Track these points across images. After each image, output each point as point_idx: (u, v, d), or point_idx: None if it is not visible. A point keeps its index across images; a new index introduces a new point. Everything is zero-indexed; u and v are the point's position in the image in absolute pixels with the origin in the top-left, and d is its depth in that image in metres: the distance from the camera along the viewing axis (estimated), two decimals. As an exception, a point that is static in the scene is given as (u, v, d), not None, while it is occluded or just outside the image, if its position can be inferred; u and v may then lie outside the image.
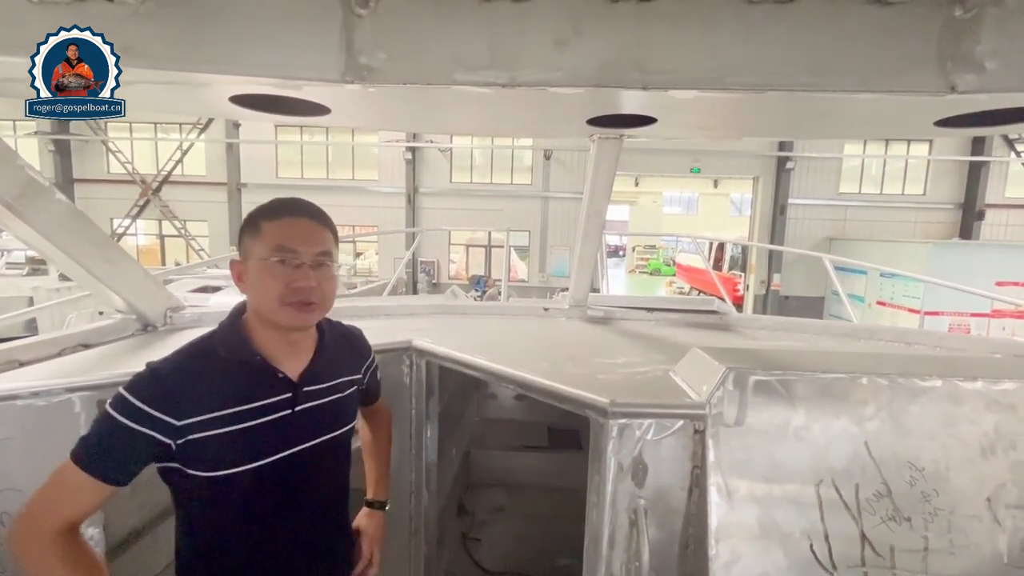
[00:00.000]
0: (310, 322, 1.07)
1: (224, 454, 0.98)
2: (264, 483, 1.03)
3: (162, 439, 0.93)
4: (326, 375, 1.13)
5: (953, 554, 1.14)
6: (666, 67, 0.98)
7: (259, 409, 1.01)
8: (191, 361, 1.00)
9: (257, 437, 1.01)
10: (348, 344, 1.26)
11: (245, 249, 1.03)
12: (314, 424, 1.09)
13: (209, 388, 0.97)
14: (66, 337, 1.55)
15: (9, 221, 1.32)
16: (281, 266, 0.99)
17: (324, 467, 1.13)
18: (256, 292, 1.02)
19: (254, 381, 1.02)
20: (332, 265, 1.06)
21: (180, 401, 0.94)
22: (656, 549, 1.22)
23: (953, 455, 1.18)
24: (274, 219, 1.01)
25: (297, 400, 1.06)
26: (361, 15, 0.96)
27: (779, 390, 1.20)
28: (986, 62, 0.94)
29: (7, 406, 1.20)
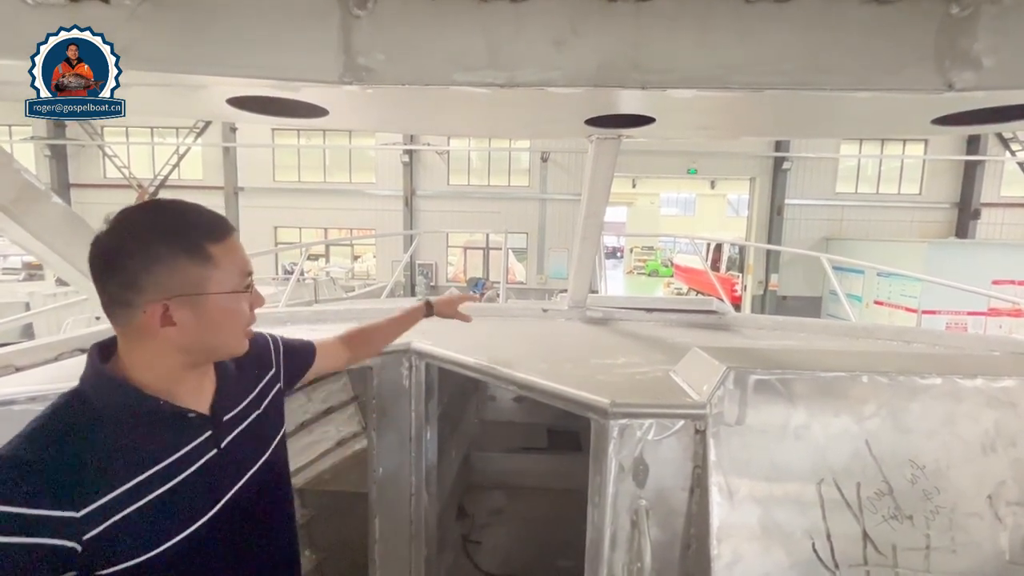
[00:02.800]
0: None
1: (151, 531, 0.78)
2: (206, 547, 0.85)
3: (63, 544, 0.69)
4: (239, 395, 0.97)
5: (955, 552, 1.14)
6: (664, 66, 0.98)
7: (177, 463, 0.82)
8: (66, 430, 0.75)
9: (185, 496, 0.82)
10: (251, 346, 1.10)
11: (190, 282, 0.79)
12: (243, 455, 0.94)
13: (107, 456, 0.75)
14: (63, 342, 1.54)
15: (5, 225, 1.31)
16: (248, 293, 0.87)
17: (266, 497, 0.97)
18: (217, 329, 0.84)
19: (160, 433, 0.82)
20: None
21: (72, 487, 0.71)
22: (658, 550, 1.22)
23: (954, 453, 1.18)
24: (218, 240, 0.83)
25: (220, 437, 0.89)
26: (359, 16, 0.96)
27: (779, 389, 1.20)
28: (983, 59, 0.94)
29: (4, 411, 1.19)
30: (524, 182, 16.28)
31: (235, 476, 0.91)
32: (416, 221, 15.99)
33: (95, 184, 16.31)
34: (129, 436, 0.78)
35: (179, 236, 0.79)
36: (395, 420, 1.79)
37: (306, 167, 16.52)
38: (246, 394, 0.98)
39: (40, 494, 0.68)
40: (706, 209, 31.91)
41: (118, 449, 0.76)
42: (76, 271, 1.49)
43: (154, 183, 16.10)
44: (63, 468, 0.71)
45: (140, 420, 0.79)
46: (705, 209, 32.03)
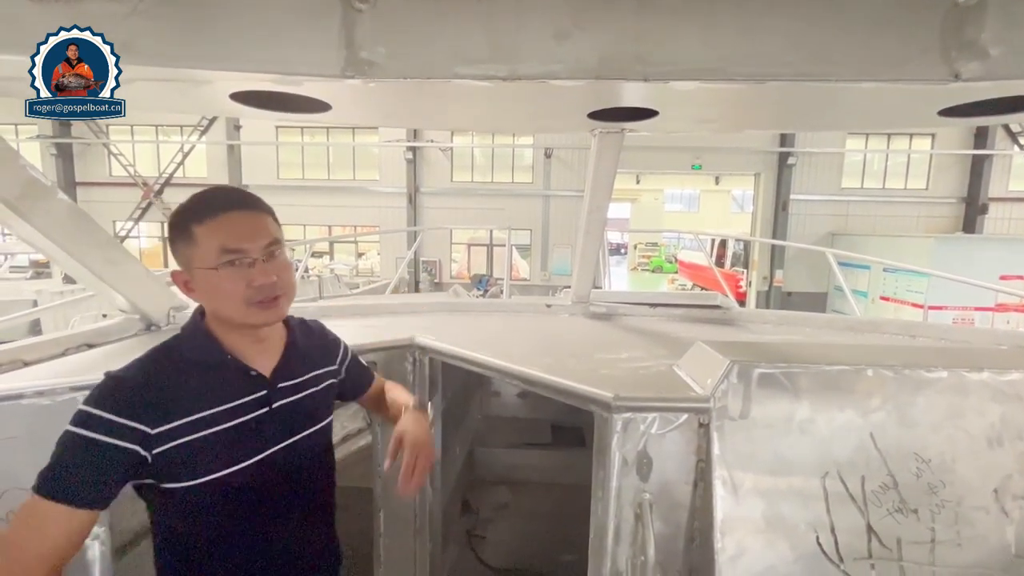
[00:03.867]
0: (281, 315, 1.02)
1: (201, 460, 0.93)
2: (245, 489, 0.98)
3: (137, 450, 0.86)
4: (299, 370, 1.10)
5: (960, 546, 1.14)
6: (667, 58, 0.98)
7: (234, 410, 0.97)
8: (157, 366, 0.94)
9: (234, 439, 0.96)
10: (316, 338, 1.22)
11: (183, 259, 0.95)
12: (291, 422, 1.06)
13: (180, 392, 0.93)
14: (70, 337, 1.55)
15: (12, 222, 1.32)
16: (232, 268, 0.92)
17: (305, 466, 1.09)
18: (214, 300, 0.96)
19: (226, 382, 0.98)
20: (283, 251, 1.00)
21: (152, 407, 0.88)
22: (661, 543, 1.22)
23: (959, 446, 1.17)
24: (205, 220, 0.92)
25: (272, 398, 1.03)
26: (361, 9, 0.96)
27: (783, 383, 1.20)
28: (990, 49, 0.93)
29: (12, 405, 1.20)
30: (528, 179, 16.26)
31: (282, 435, 1.04)
32: (420, 218, 16.00)
33: (101, 182, 16.40)
34: (200, 379, 0.95)
35: (178, 219, 0.94)
36: None
37: (310, 164, 16.55)
38: (306, 372, 1.11)
39: (128, 408, 0.87)
40: (710, 205, 31.80)
41: (190, 388, 0.93)
42: (82, 267, 1.50)
43: (159, 181, 16.19)
44: (147, 393, 0.89)
45: (211, 368, 0.97)
46: (709, 205, 31.92)
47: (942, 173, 15.74)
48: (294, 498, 1.08)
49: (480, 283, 13.86)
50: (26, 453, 1.20)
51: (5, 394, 1.20)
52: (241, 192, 1.00)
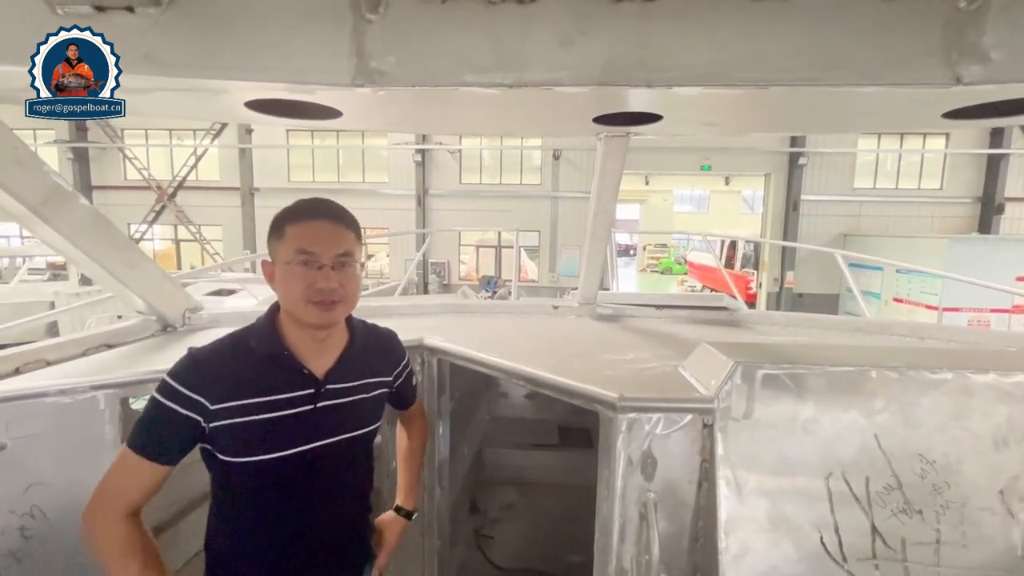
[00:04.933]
0: (335, 319, 1.10)
1: (246, 441, 1.03)
2: (281, 475, 1.07)
3: (198, 420, 1.00)
4: (352, 375, 1.16)
5: (966, 547, 1.14)
6: (670, 64, 1.00)
7: (281, 402, 1.06)
8: (227, 350, 1.07)
9: (276, 429, 1.05)
10: (381, 346, 1.29)
11: (272, 252, 1.07)
12: (334, 422, 1.12)
13: (240, 377, 1.03)
14: (90, 337, 1.60)
15: (35, 225, 1.37)
16: (303, 268, 1.02)
17: (342, 466, 1.16)
18: (283, 292, 1.07)
19: (280, 374, 1.07)
20: (354, 264, 1.09)
21: (214, 385, 1.01)
22: (666, 542, 1.23)
23: (965, 448, 1.17)
24: (296, 223, 1.04)
25: (319, 397, 1.10)
26: (371, 20, 0.99)
27: (787, 384, 1.21)
28: (992, 53, 0.94)
29: (36, 403, 1.24)
30: (536, 180, 16.28)
31: (324, 433, 1.10)
32: (428, 220, 16.08)
33: (116, 186, 16.68)
34: (258, 368, 1.05)
35: (279, 217, 1.06)
36: None
37: (320, 167, 16.71)
38: (359, 377, 1.18)
39: (196, 382, 0.99)
40: (720, 206, 31.59)
41: (248, 374, 1.04)
42: (102, 269, 1.55)
43: (172, 184, 16.43)
44: (213, 372, 1.02)
45: (269, 360, 1.06)
46: (719, 206, 31.70)
47: (957, 173, 15.53)
48: (331, 494, 1.15)
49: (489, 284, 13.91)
50: (49, 449, 1.25)
51: (29, 392, 1.25)
52: (334, 206, 1.09)
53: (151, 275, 1.72)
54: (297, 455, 1.08)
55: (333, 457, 1.13)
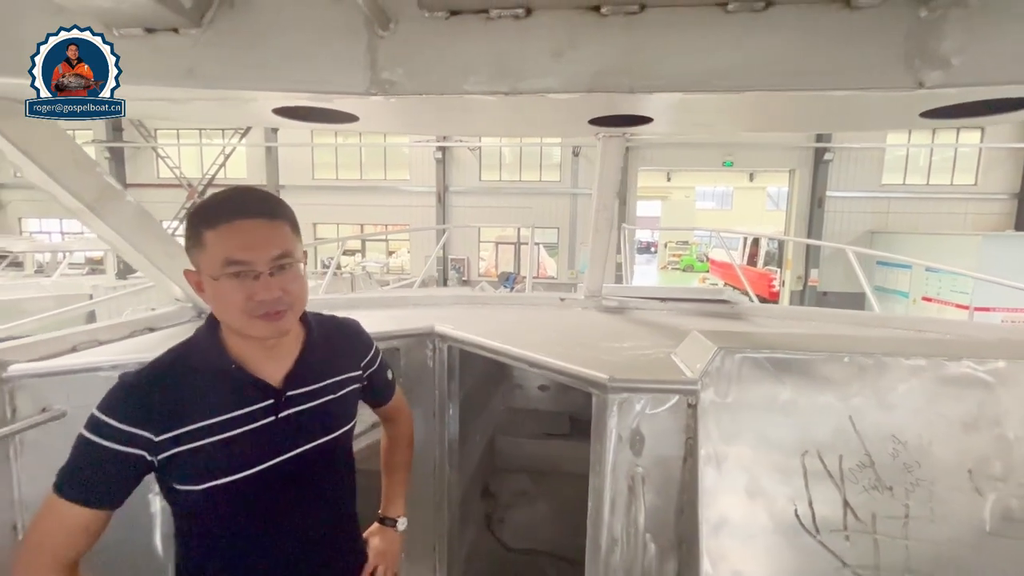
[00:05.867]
0: (284, 329, 0.96)
1: (206, 467, 0.92)
2: (251, 496, 0.97)
3: (141, 454, 0.88)
4: (313, 377, 1.05)
5: (933, 522, 1.21)
6: (652, 72, 1.09)
7: (238, 418, 0.94)
8: (166, 372, 0.94)
9: (239, 447, 0.94)
10: (342, 340, 1.17)
11: (194, 261, 0.93)
12: (302, 430, 1.02)
13: (186, 399, 0.91)
14: (135, 322, 1.77)
15: (90, 220, 1.54)
16: (236, 280, 0.88)
17: (318, 475, 1.06)
18: (218, 309, 0.93)
19: (232, 390, 0.95)
20: (295, 264, 0.95)
21: (156, 414, 0.88)
22: (652, 513, 1.33)
23: (936, 430, 1.24)
24: (216, 225, 0.88)
25: (280, 407, 0.99)
26: (383, 36, 1.11)
27: (767, 368, 1.29)
28: (952, 59, 1.01)
29: (91, 376, 1.41)
30: (555, 177, 16.32)
31: (292, 444, 1.00)
32: (449, 217, 16.28)
33: (150, 184, 17.32)
34: (207, 386, 0.93)
35: (191, 220, 0.92)
36: (420, 397, 1.96)
37: (343, 165, 17.06)
38: (323, 378, 1.07)
39: (134, 415, 0.87)
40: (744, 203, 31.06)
41: (195, 396, 0.92)
42: (146, 260, 1.71)
43: (202, 182, 16.99)
44: (154, 400, 0.89)
45: (217, 377, 0.94)
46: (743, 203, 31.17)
47: (992, 168, 15.02)
48: (308, 506, 1.05)
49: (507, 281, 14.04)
50: (103, 417, 1.41)
51: (86, 367, 1.41)
52: (258, 196, 0.94)
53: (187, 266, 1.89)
54: (265, 471, 0.97)
55: (307, 466, 1.03)
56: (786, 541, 1.23)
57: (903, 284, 13.28)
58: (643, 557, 1.35)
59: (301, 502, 1.04)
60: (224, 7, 1.10)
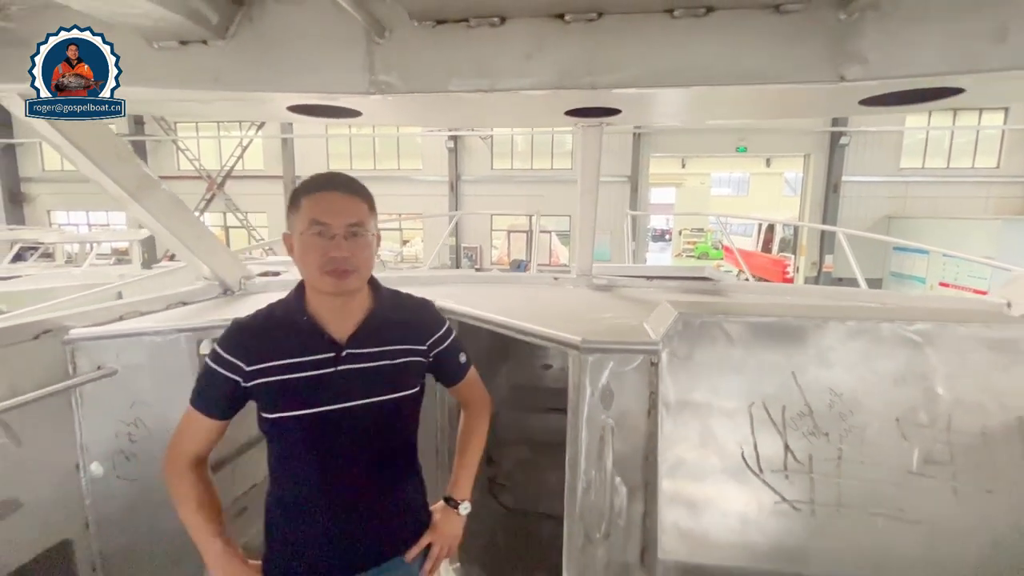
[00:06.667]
0: (347, 288, 1.12)
1: (276, 399, 1.11)
2: (311, 435, 1.13)
3: (237, 380, 1.10)
4: (374, 341, 1.18)
5: (864, 463, 1.38)
6: (611, 71, 1.26)
7: (305, 363, 1.11)
8: (261, 318, 1.17)
9: (301, 389, 1.11)
10: (411, 315, 1.29)
11: (290, 224, 1.13)
12: (358, 386, 1.14)
13: (271, 341, 1.12)
14: (170, 296, 2.01)
15: (131, 206, 1.76)
16: (317, 238, 1.07)
17: (372, 427, 1.17)
18: (300, 263, 1.12)
19: (303, 339, 1.13)
20: (366, 234, 1.12)
21: (249, 350, 1.11)
22: (620, 459, 1.52)
23: (868, 383, 1.40)
24: (310, 194, 1.09)
25: (339, 360, 1.13)
26: (379, 43, 1.30)
27: (721, 331, 1.46)
28: (868, 55, 1.16)
29: (137, 340, 1.64)
30: (567, 164, 16.37)
31: (345, 396, 1.13)
32: (461, 205, 16.46)
33: (171, 176, 17.77)
34: (286, 333, 1.14)
35: (295, 191, 1.13)
36: None
37: (357, 155, 17.33)
38: (383, 343, 1.19)
39: (235, 347, 1.12)
40: (761, 188, 30.65)
41: (276, 340, 1.13)
42: (178, 241, 1.94)
43: (221, 174, 17.43)
44: (250, 338, 1.13)
45: (293, 327, 1.14)
46: (760, 188, 30.77)
47: (1016, 150, 14.67)
48: (361, 458, 1.17)
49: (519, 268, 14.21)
50: (148, 374, 1.65)
51: (132, 332, 1.65)
52: (346, 178, 1.13)
53: (215, 248, 2.12)
54: (322, 414, 1.12)
55: (360, 419, 1.15)
56: (733, 480, 1.41)
57: (919, 270, 13.14)
58: (613, 497, 1.54)
59: (354, 452, 1.17)
60: (244, 22, 1.30)
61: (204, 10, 1.23)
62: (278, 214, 17.39)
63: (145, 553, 1.69)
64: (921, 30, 1.14)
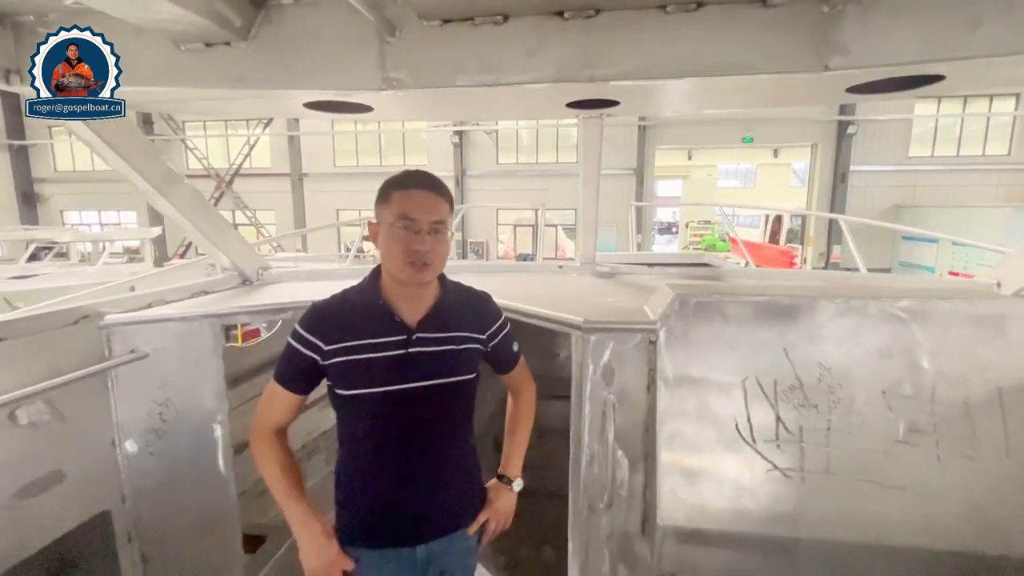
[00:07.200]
0: (425, 279, 1.22)
1: (351, 377, 1.20)
2: (382, 411, 1.22)
3: (316, 358, 1.20)
4: (440, 327, 1.27)
5: (851, 433, 1.46)
6: (607, 65, 1.34)
7: (379, 345, 1.21)
8: (337, 303, 1.26)
9: (375, 368, 1.20)
10: (473, 305, 1.38)
11: (378, 214, 1.22)
12: (425, 367, 1.24)
13: (347, 323, 1.21)
14: (194, 286, 2.11)
15: (156, 200, 1.87)
16: (404, 231, 1.16)
17: (437, 407, 1.27)
18: (384, 251, 1.21)
19: (379, 322, 1.22)
20: (446, 231, 1.21)
21: (328, 330, 1.20)
22: (622, 433, 1.60)
23: (856, 358, 1.48)
24: (401, 189, 1.19)
25: (410, 343, 1.22)
26: (390, 42, 1.39)
27: (716, 310, 1.54)
28: (850, 46, 1.23)
29: (165, 326, 1.74)
30: (572, 158, 16.37)
31: (415, 376, 1.23)
32: (467, 200, 16.53)
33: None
34: (361, 316, 1.23)
35: (386, 184, 1.23)
36: None
37: (363, 152, 17.44)
38: (449, 330, 1.28)
39: (315, 328, 1.21)
40: (768, 179, 30.44)
41: (352, 322, 1.22)
42: (200, 234, 2.04)
43: (229, 172, 17.61)
44: (328, 320, 1.23)
45: (369, 311, 1.24)
46: (767, 179, 30.55)
47: (1027, 137, 14.49)
48: (427, 434, 1.26)
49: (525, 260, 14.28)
50: (174, 357, 1.76)
51: (161, 318, 1.75)
52: (434, 179, 1.23)
53: (234, 240, 2.22)
54: (393, 392, 1.21)
55: (427, 400, 1.24)
56: (728, 450, 1.50)
57: (929, 259, 13.06)
58: (615, 469, 1.63)
59: (421, 429, 1.26)
60: (264, 24, 1.39)
61: (227, 13, 1.32)
62: (285, 211, 17.56)
63: (176, 525, 1.81)
64: (899, 21, 1.21)
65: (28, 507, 1.47)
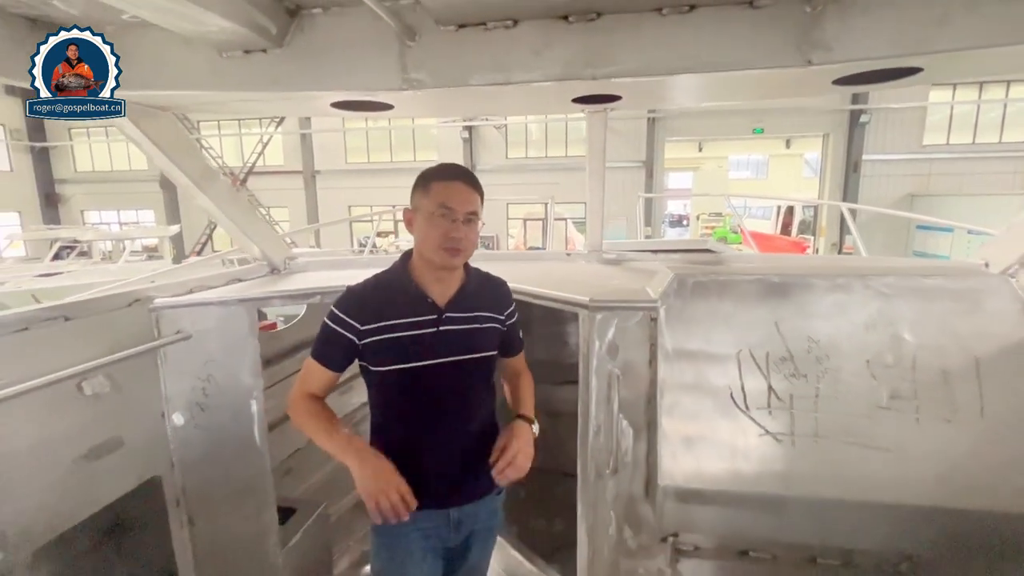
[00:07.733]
0: (456, 264, 1.33)
1: (386, 354, 1.30)
2: (414, 385, 1.32)
3: (352, 338, 1.29)
4: (467, 307, 1.38)
5: (837, 399, 1.58)
6: (608, 63, 1.46)
7: (411, 324, 1.31)
8: (371, 285, 1.36)
9: (408, 345, 1.30)
10: (492, 289, 1.49)
11: (416, 201, 1.32)
12: (454, 344, 1.34)
13: (381, 304, 1.31)
14: (229, 273, 2.28)
15: (195, 193, 2.03)
16: (442, 219, 1.26)
17: (463, 381, 1.37)
18: (421, 236, 1.30)
19: (411, 303, 1.32)
20: (477, 221, 1.33)
21: (363, 311, 1.30)
22: (625, 403, 1.74)
23: (842, 330, 1.60)
24: (441, 180, 1.29)
25: (440, 322, 1.33)
26: (410, 46, 1.52)
27: (713, 288, 1.67)
28: (831, 42, 1.35)
29: (206, 309, 1.91)
30: (582, 152, 16.38)
31: (444, 352, 1.33)
32: (477, 195, 16.61)
33: (196, 174, 18.35)
34: (394, 297, 1.33)
35: (426, 173, 1.33)
36: None
37: (375, 149, 17.64)
38: (473, 310, 1.39)
39: (351, 309, 1.31)
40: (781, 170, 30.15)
41: (387, 303, 1.32)
42: (236, 227, 2.21)
43: (243, 170, 17.91)
44: (363, 301, 1.32)
45: (402, 292, 1.34)
46: (780, 170, 30.26)
47: (1046, 123, 14.22)
48: (454, 404, 1.36)
49: (535, 255, 14.36)
50: (214, 338, 1.93)
51: (202, 302, 1.92)
52: (470, 173, 1.35)
53: (264, 231, 2.39)
54: (424, 367, 1.31)
55: (454, 374, 1.34)
56: (723, 416, 1.63)
57: (943, 248, 12.94)
58: (620, 437, 1.76)
59: (449, 401, 1.36)
60: (297, 31, 1.54)
61: (265, 23, 1.47)
62: (299, 208, 17.83)
63: (218, 493, 1.98)
64: (875, 18, 1.32)
65: (93, 469, 1.65)
